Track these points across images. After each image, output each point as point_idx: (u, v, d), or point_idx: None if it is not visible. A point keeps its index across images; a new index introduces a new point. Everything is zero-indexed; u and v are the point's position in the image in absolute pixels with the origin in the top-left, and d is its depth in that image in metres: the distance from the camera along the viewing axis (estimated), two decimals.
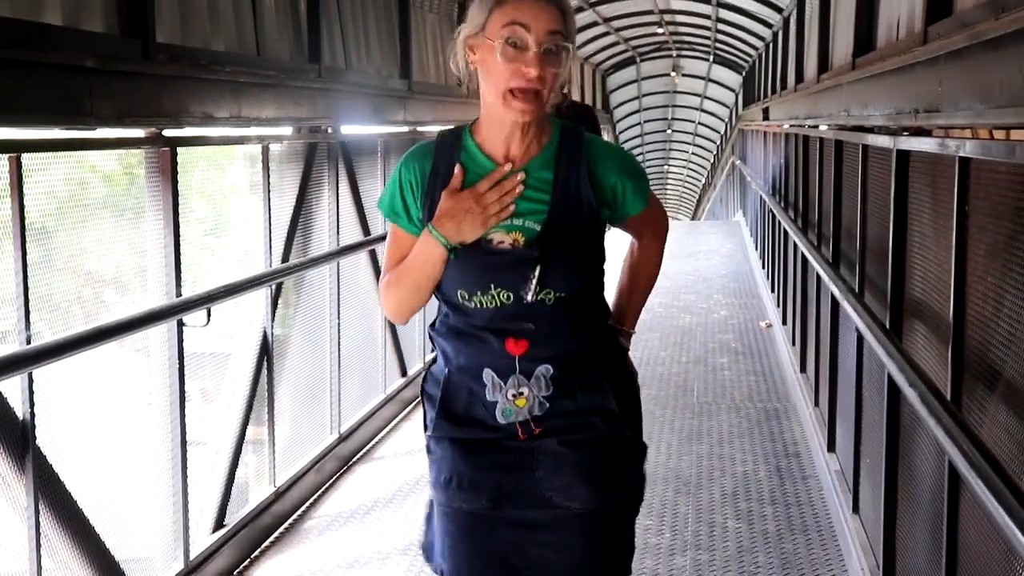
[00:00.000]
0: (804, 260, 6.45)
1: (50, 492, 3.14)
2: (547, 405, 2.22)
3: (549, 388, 2.22)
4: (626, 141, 27.04)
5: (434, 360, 2.36)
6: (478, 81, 2.19)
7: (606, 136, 21.78)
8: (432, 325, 2.34)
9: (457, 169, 2.18)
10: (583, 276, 2.24)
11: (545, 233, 2.17)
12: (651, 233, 2.48)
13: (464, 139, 2.24)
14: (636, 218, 2.33)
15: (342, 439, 5.49)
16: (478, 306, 2.19)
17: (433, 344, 2.35)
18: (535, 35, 2.09)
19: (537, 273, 2.15)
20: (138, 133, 3.70)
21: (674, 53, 20.85)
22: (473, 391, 2.25)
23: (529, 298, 2.16)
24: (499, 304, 2.18)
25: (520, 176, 2.15)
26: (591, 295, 2.28)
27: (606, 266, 2.32)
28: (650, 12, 14.98)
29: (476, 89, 2.20)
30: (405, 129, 6.79)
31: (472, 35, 2.17)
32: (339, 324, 5.52)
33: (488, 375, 2.22)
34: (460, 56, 2.20)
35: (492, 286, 2.18)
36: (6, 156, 2.97)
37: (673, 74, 22.62)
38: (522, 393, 2.21)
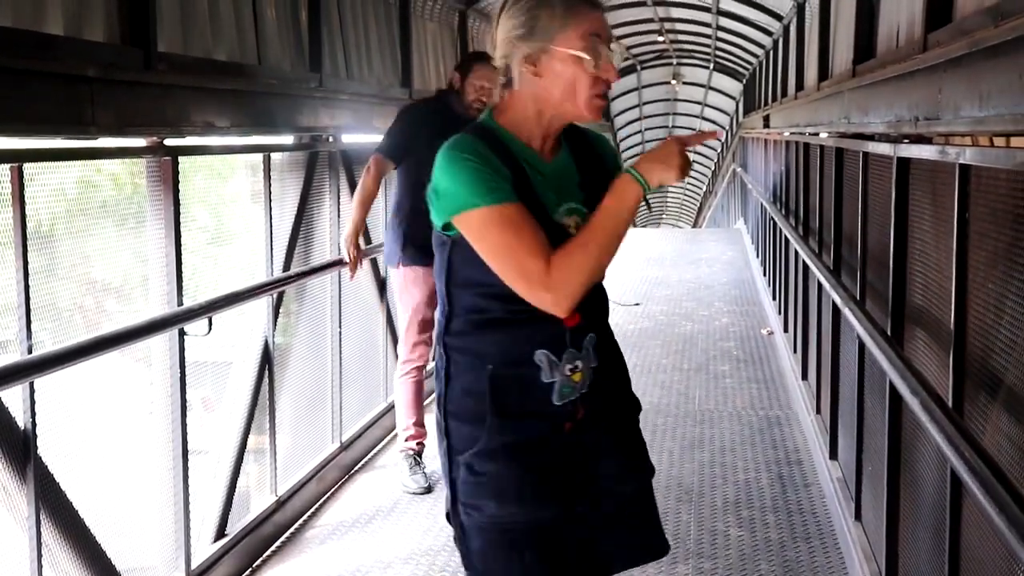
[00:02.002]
0: (805, 267, 6.45)
1: (51, 502, 3.14)
2: (593, 378, 2.27)
3: (595, 358, 2.27)
4: (627, 149, 27.06)
5: (448, 377, 2.28)
6: (514, 89, 2.27)
7: None
8: (446, 333, 2.27)
9: (708, 131, 2.33)
10: None
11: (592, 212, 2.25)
12: None
13: (501, 135, 2.26)
14: None
15: (343, 448, 5.48)
16: None
17: (448, 355, 2.27)
18: (609, 44, 2.23)
19: None
20: (140, 142, 3.71)
21: (674, 61, 20.86)
22: (524, 380, 2.22)
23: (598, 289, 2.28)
24: None
25: (718, 131, 2.24)
26: None
27: None
28: (650, 20, 15.01)
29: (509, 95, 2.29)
30: None
31: (536, 50, 2.22)
32: (340, 333, 5.52)
33: (541, 356, 2.21)
34: (517, 66, 2.25)
35: None
36: (7, 166, 2.97)
37: (674, 82, 22.63)
38: (577, 367, 2.24)
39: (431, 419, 3.51)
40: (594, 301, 2.27)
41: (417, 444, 5.23)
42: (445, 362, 2.28)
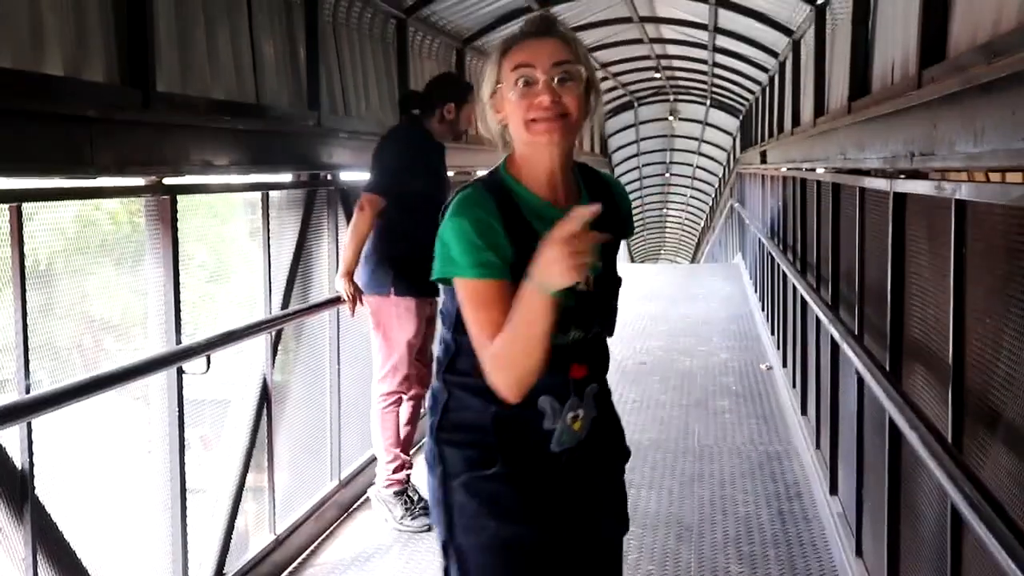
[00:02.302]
0: (803, 303, 6.45)
1: (48, 542, 3.12)
2: (591, 428, 2.31)
3: (595, 409, 2.31)
4: (625, 184, 27.07)
5: (447, 409, 2.29)
6: (509, 137, 2.28)
7: None
8: (448, 370, 2.29)
9: (585, 210, 1.98)
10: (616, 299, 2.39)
11: (605, 269, 2.29)
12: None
13: (510, 184, 2.26)
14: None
15: (342, 485, 5.46)
16: (551, 344, 2.14)
17: (448, 390, 2.30)
18: (541, 68, 2.18)
19: (615, 306, 2.32)
20: (138, 181, 3.72)
21: (671, 97, 20.97)
22: (526, 422, 2.25)
23: (595, 332, 2.27)
24: (571, 342, 2.23)
25: (596, 207, 2.00)
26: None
27: None
28: (647, 58, 15.09)
29: (511, 144, 2.29)
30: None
31: (492, 94, 2.26)
32: (339, 370, 5.51)
33: (546, 401, 2.24)
34: (490, 119, 2.28)
35: (572, 328, 2.22)
36: (6, 205, 2.98)
37: (671, 118, 22.74)
38: (579, 415, 2.27)
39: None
40: (600, 354, 2.33)
41: (405, 475, 5.14)
42: (446, 396, 2.30)
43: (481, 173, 2.36)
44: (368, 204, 4.90)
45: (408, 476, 5.14)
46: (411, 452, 5.27)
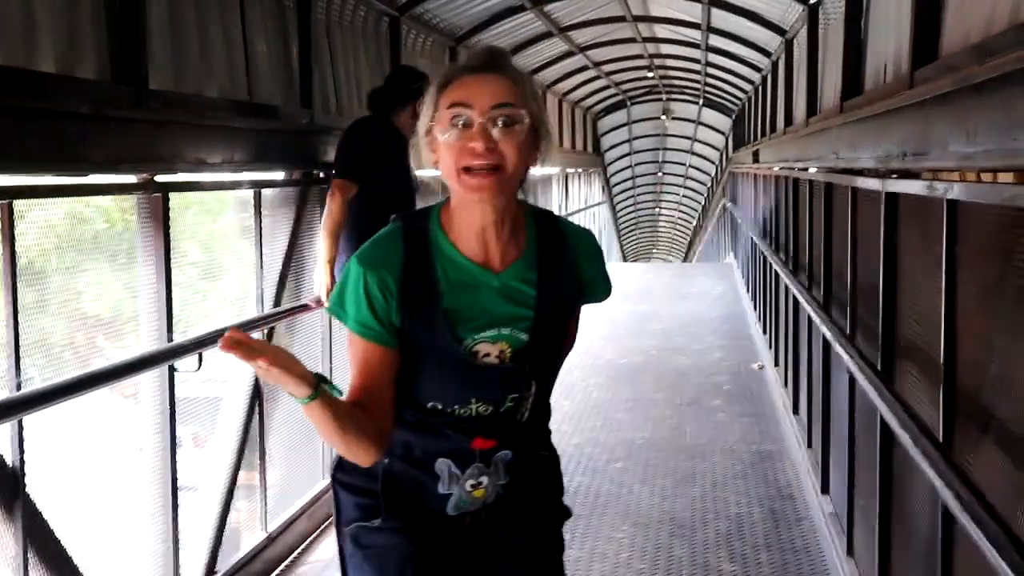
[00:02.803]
0: (795, 302, 6.46)
1: (39, 539, 3.12)
2: (502, 493, 2.12)
3: (507, 475, 2.12)
4: (617, 184, 27.15)
5: None
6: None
7: (597, 182, 21.84)
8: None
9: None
10: (555, 374, 2.17)
11: (532, 342, 2.04)
12: (573, 337, 2.28)
13: (435, 236, 2.04)
14: (574, 319, 2.22)
15: None
16: (450, 413, 2.05)
17: None
18: (479, 109, 1.93)
19: (533, 388, 2.07)
20: (131, 179, 3.71)
21: (664, 97, 20.98)
22: (420, 483, 2.09)
23: (505, 408, 2.05)
24: (475, 415, 2.05)
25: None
26: (551, 387, 2.19)
27: None
28: (640, 57, 15.09)
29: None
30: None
31: (427, 131, 2.01)
32: (331, 368, 5.50)
33: (444, 465, 2.07)
34: (424, 158, 2.03)
35: (473, 400, 2.04)
36: None
37: (663, 117, 22.75)
38: (481, 483, 2.09)
39: None
40: (523, 428, 2.11)
41: None
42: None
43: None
44: (339, 189, 4.77)
45: None
46: None
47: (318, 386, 1.90)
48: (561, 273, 2.09)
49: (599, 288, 2.19)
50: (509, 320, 2.03)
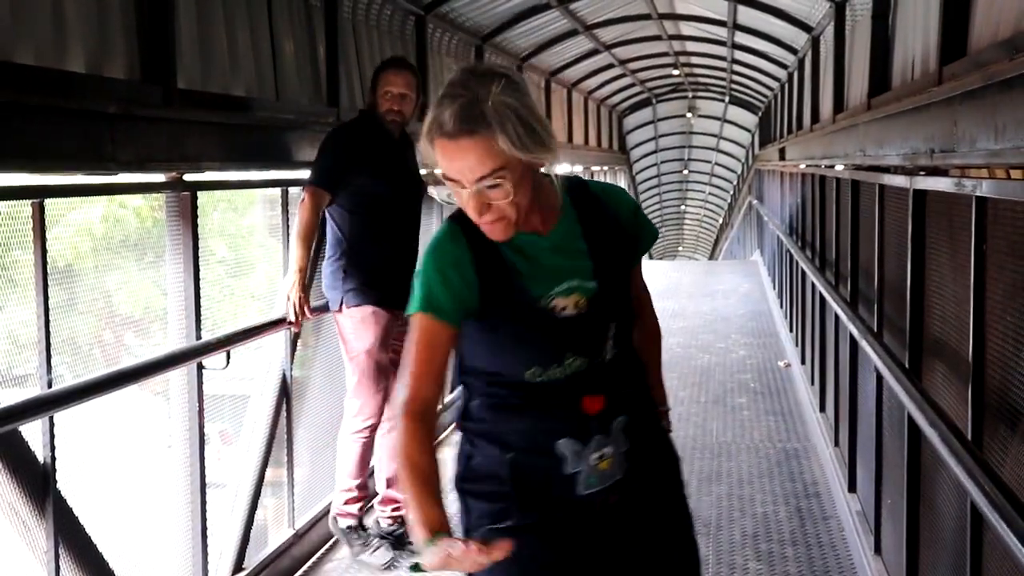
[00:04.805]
0: (822, 300, 6.43)
1: (70, 536, 3.14)
2: (626, 465, 2.16)
3: (626, 441, 2.17)
4: (643, 182, 27.11)
5: (469, 456, 2.21)
6: None
7: (623, 180, 21.81)
8: (465, 418, 2.21)
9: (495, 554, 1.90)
10: (632, 323, 2.24)
11: (601, 288, 2.15)
12: (645, 288, 2.41)
13: None
14: (636, 270, 2.31)
15: None
16: (550, 379, 2.11)
17: (469, 439, 2.21)
18: (466, 183, 2.03)
19: (613, 331, 2.15)
20: (159, 177, 3.74)
21: (690, 94, 20.93)
22: (546, 470, 2.12)
23: (601, 358, 2.13)
24: (572, 372, 2.11)
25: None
26: (631, 340, 2.26)
27: None
28: (666, 55, 15.06)
29: None
30: (423, 171, 6.81)
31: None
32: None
33: (565, 445, 2.11)
34: (446, 187, 2.13)
35: (568, 355, 2.11)
36: (29, 201, 3.00)
37: (689, 115, 22.70)
38: (605, 454, 2.13)
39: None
40: (622, 378, 2.19)
41: (359, 509, 4.63)
42: (467, 445, 2.21)
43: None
44: (310, 196, 4.39)
45: (360, 509, 4.64)
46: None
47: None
48: (603, 223, 2.21)
49: (645, 230, 2.30)
50: (573, 272, 2.14)
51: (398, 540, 4.65)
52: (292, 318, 4.35)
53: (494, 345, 2.14)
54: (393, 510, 4.69)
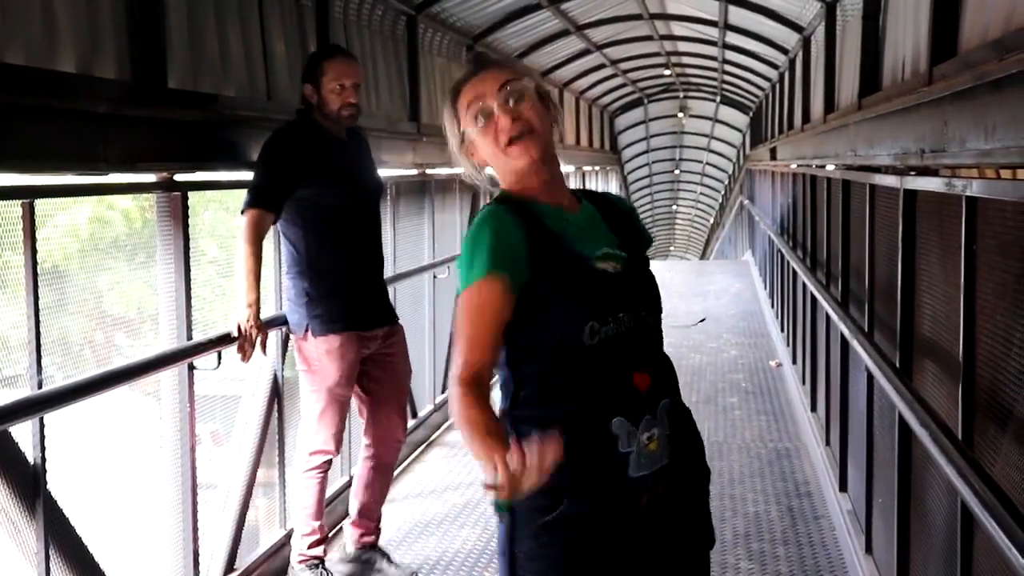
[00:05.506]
0: (813, 299, 6.44)
1: (60, 537, 3.14)
2: (669, 450, 2.21)
3: (669, 425, 2.23)
4: (635, 182, 27.12)
5: None
6: (488, 183, 2.37)
7: (614, 180, 21.83)
8: (513, 408, 2.21)
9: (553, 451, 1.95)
10: (659, 299, 2.37)
11: (632, 258, 2.30)
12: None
13: (525, 200, 2.27)
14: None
15: (352, 481, 5.46)
16: (606, 336, 2.16)
17: (517, 428, 2.17)
18: (490, 94, 2.25)
19: (655, 288, 2.33)
20: (150, 178, 3.73)
21: (681, 94, 20.94)
22: (599, 450, 2.14)
23: (644, 321, 2.25)
24: (624, 330, 2.20)
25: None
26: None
27: None
28: (657, 55, 15.07)
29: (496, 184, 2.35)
30: (414, 172, 6.83)
31: (461, 143, 2.32)
32: None
33: (619, 424, 2.15)
34: (467, 167, 2.35)
35: (619, 310, 2.20)
36: (19, 202, 2.99)
37: (680, 115, 22.72)
38: (654, 435, 2.18)
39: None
40: (663, 362, 2.29)
41: (323, 551, 4.36)
42: (516, 434, 2.14)
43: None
44: (252, 225, 3.90)
45: (323, 550, 4.38)
46: (377, 520, 4.55)
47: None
48: (618, 214, 2.39)
49: (646, 237, 2.46)
50: (607, 241, 2.29)
51: (365, 564, 4.49)
52: (241, 354, 3.88)
53: (551, 308, 2.18)
54: (361, 535, 4.48)
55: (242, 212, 3.94)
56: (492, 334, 2.18)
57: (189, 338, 3.87)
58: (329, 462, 4.31)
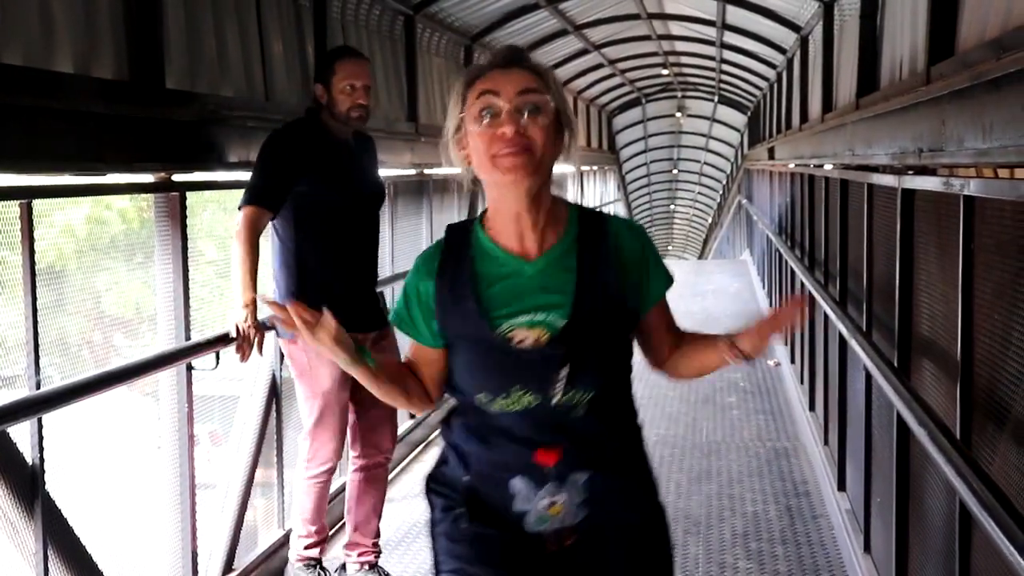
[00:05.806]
0: (811, 299, 6.44)
1: (59, 537, 3.13)
2: (584, 513, 2.09)
3: (584, 495, 2.08)
4: (633, 181, 27.12)
5: (443, 461, 2.20)
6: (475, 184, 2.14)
7: (612, 180, 21.83)
8: (446, 422, 2.20)
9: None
10: (612, 373, 2.12)
11: (570, 328, 2.03)
12: (677, 328, 2.35)
13: (475, 233, 2.12)
14: (656, 315, 2.25)
15: None
16: (501, 410, 2.05)
17: (447, 443, 2.19)
18: (506, 96, 2.01)
19: (565, 373, 2.02)
20: (148, 178, 3.73)
21: (679, 94, 20.94)
22: (498, 500, 2.09)
23: (555, 400, 2.02)
24: (522, 408, 2.04)
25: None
26: (621, 394, 2.16)
27: (632, 361, 2.20)
28: (655, 54, 15.08)
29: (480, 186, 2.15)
30: (412, 172, 6.83)
31: (456, 130, 2.10)
32: None
33: (518, 484, 2.07)
34: (454, 157, 2.12)
35: (515, 388, 2.03)
36: (17, 202, 2.99)
37: (678, 115, 22.72)
38: (556, 501, 2.06)
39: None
40: (591, 440, 2.09)
41: (319, 552, 4.35)
42: (443, 451, 2.22)
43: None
44: (247, 222, 3.85)
45: (320, 551, 4.36)
46: (375, 537, 4.45)
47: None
48: (601, 258, 2.10)
49: (654, 275, 2.20)
50: (545, 307, 2.05)
51: None
52: (240, 354, 3.83)
53: (454, 365, 2.14)
54: (359, 555, 4.39)
55: (239, 209, 3.89)
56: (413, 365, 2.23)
57: (187, 338, 3.87)
58: (329, 471, 4.25)
